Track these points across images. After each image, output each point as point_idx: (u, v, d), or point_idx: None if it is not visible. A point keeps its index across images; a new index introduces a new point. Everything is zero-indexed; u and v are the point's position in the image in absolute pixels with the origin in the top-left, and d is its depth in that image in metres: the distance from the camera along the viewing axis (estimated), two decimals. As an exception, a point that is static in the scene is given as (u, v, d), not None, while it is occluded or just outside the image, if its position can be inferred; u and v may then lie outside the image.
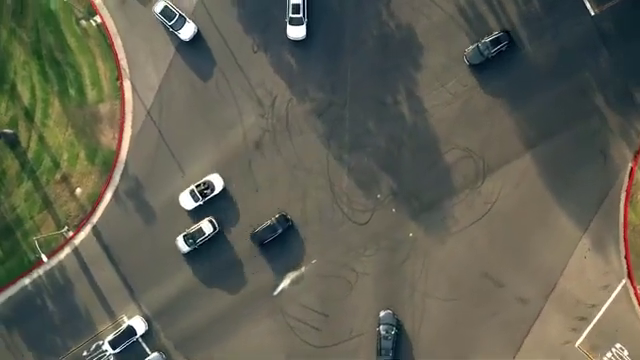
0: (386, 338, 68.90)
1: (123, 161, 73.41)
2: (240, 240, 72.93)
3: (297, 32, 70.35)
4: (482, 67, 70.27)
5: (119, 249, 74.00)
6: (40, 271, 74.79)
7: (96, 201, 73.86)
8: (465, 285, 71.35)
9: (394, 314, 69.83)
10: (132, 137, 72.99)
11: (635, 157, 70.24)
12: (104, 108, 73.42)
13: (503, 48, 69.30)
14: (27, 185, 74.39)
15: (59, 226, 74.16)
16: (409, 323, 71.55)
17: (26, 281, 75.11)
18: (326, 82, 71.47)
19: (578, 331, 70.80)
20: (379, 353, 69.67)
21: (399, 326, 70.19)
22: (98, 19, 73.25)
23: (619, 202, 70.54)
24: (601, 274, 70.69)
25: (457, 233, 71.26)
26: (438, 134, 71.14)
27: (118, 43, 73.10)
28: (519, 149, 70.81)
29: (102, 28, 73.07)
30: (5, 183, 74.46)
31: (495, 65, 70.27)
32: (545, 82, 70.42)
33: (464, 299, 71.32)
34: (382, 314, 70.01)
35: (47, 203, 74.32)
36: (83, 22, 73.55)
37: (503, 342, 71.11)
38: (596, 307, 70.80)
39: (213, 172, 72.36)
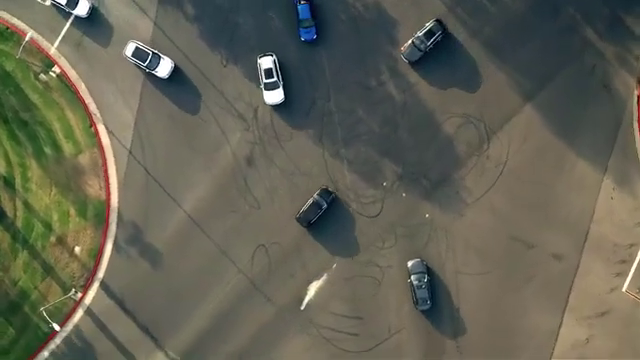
0: (420, 287, 67.26)
1: (116, 208, 71.83)
2: (254, 262, 71.07)
3: (275, 97, 68.60)
4: (463, 26, 67.94)
5: (133, 299, 72.26)
6: (57, 340, 73.01)
7: (98, 255, 72.18)
8: (495, 254, 69.07)
9: (422, 261, 68.02)
10: (119, 182, 71.50)
11: (639, 83, 67.30)
12: (84, 159, 71.81)
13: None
14: (23, 256, 72.71)
15: (66, 290, 72.38)
16: (447, 306, 69.64)
17: (45, 354, 73.40)
18: (304, 79, 69.72)
19: (622, 275, 68.18)
20: (416, 303, 67.97)
21: (430, 272, 68.48)
22: (57, 69, 71.68)
23: (633, 133, 67.91)
24: (632, 211, 68.15)
25: (474, 203, 69.08)
26: (431, 106, 69.00)
27: (83, 89, 71.50)
28: (518, 103, 68.54)
29: (63, 77, 71.64)
30: (0, 259, 72.42)
31: (475, 22, 68.07)
32: (529, 27, 68.18)
33: (498, 269, 69.08)
34: (410, 264, 68.12)
35: (48, 269, 72.62)
36: (42, 76, 71.99)
37: (547, 304, 68.91)
38: (635, 246, 68.16)
39: (209, 199, 70.48)
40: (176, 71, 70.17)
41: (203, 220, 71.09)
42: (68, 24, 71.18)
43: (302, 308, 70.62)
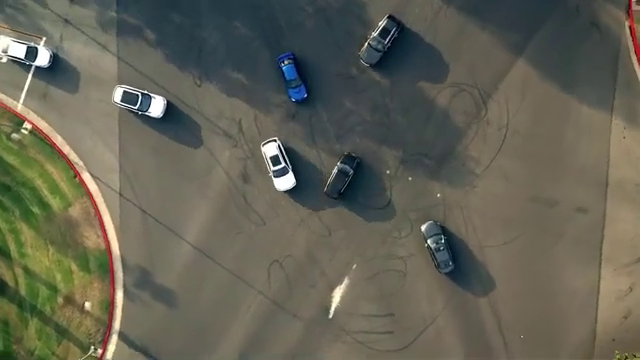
0: (439, 250, 65.85)
1: (118, 255, 70.54)
2: (271, 281, 69.30)
3: (286, 183, 67.37)
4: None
5: (155, 344, 70.67)
6: (86, 402, 71.60)
7: (110, 307, 70.78)
8: (518, 220, 67.25)
9: (436, 222, 66.41)
10: (116, 227, 70.39)
11: (628, 13, 65.31)
12: (75, 211, 70.74)
13: None
14: (34, 323, 71.35)
15: (84, 349, 70.94)
16: (478, 283, 67.74)
17: (76, 417, 71.96)
18: (282, 81, 67.90)
19: (653, 214, 66.67)
20: (438, 267, 66.34)
21: (447, 232, 66.76)
22: (28, 125, 70.63)
23: (632, 66, 65.92)
24: (647, 149, 66.76)
25: (484, 172, 67.37)
26: (419, 83, 67.29)
27: (59, 140, 70.42)
28: (508, 60, 66.73)
29: (36, 132, 70.55)
30: (11, 332, 71.43)
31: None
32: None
33: (523, 234, 67.25)
34: (424, 227, 66.57)
35: (62, 332, 71.19)
36: (14, 135, 70.93)
37: (582, 260, 66.97)
38: (659, 181, 66.60)
39: (211, 225, 69.13)
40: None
41: (210, 248, 69.67)
42: (30, 77, 70.29)
43: (330, 317, 69.15)
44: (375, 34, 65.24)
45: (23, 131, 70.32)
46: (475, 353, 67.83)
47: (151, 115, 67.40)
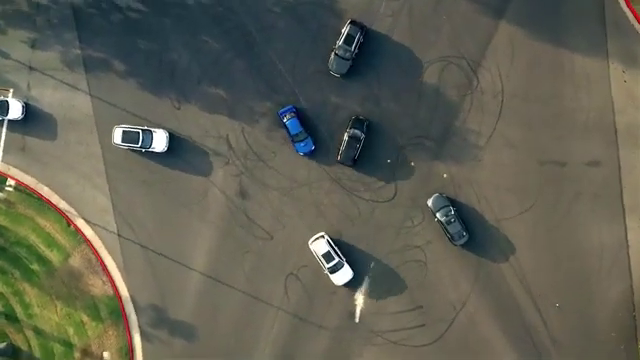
0: (450, 222, 64.44)
1: (128, 298, 68.93)
2: (289, 295, 67.77)
3: (344, 276, 66.09)
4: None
5: None
6: None
7: (130, 353, 69.05)
8: (530, 186, 65.57)
9: (441, 194, 65.09)
10: (120, 269, 68.76)
11: None
12: (75, 260, 69.11)
13: None
14: None
15: None
16: (500, 258, 66.09)
17: None
18: (262, 88, 66.78)
19: (669, 155, 65.04)
20: (452, 239, 64.96)
21: (455, 203, 65.30)
22: (11, 182, 69.07)
23: (619, 5, 64.29)
24: (651, 86, 64.91)
25: (487, 143, 65.72)
26: (404, 63, 65.59)
27: (46, 191, 68.82)
28: (490, 23, 65.00)
29: (21, 187, 68.90)
30: None
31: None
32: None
33: (538, 201, 65.54)
34: (430, 202, 65.14)
35: None
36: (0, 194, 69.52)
37: (604, 215, 65.18)
38: (670, 121, 64.93)
39: (217, 249, 67.80)
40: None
41: (220, 273, 67.99)
42: (4, 132, 68.53)
43: (357, 321, 67.54)
44: (340, 42, 63.85)
45: (7, 189, 68.77)
46: (512, 331, 66.08)
47: (155, 150, 65.88)
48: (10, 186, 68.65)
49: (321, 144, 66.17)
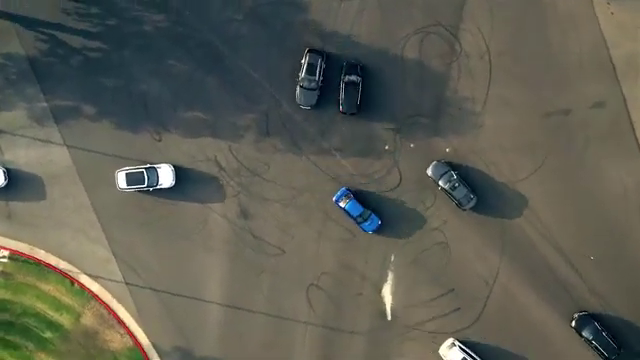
0: (454, 187, 62.87)
1: (149, 345, 67.48)
2: (314, 306, 66.36)
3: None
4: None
5: None
6: None
7: None
8: (538, 142, 64.12)
9: (439, 160, 63.79)
10: (136, 318, 67.35)
11: None
12: (87, 319, 67.66)
13: None
14: None
15: None
16: (522, 222, 64.58)
17: None
18: (241, 101, 65.43)
19: (673, 78, 63.47)
20: (460, 205, 63.45)
21: (458, 169, 63.89)
22: (5, 252, 67.50)
23: None
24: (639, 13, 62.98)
25: (484, 107, 64.16)
26: (380, 44, 64.11)
27: (42, 254, 67.26)
28: None
29: (16, 256, 67.37)
30: None
31: None
32: None
33: (549, 154, 64.12)
34: (430, 172, 63.67)
35: None
36: None
37: (619, 154, 63.86)
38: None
39: (229, 275, 66.65)
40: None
41: (238, 300, 66.63)
42: None
43: (389, 319, 66.27)
44: (303, 74, 62.77)
45: (2, 260, 67.21)
46: (551, 295, 64.52)
47: (163, 187, 64.51)
48: (4, 257, 67.18)
49: (312, 142, 65.04)
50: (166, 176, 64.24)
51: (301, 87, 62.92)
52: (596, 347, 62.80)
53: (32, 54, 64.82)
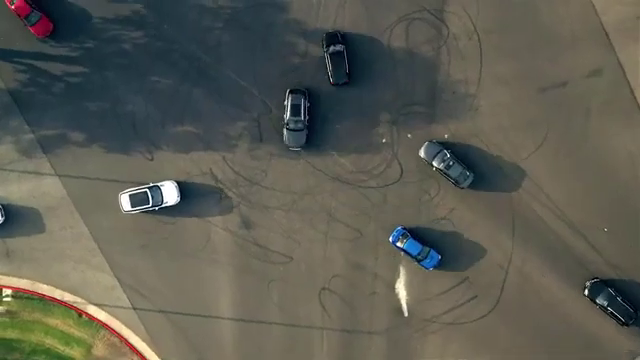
0: (449, 166, 62.06)
1: None
2: (328, 310, 65.48)
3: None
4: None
5: None
6: None
7: None
8: (538, 117, 63.00)
9: (431, 140, 62.91)
10: (148, 342, 67.04)
11: None
12: (99, 349, 67.48)
13: None
14: None
15: None
16: (531, 201, 63.46)
17: None
18: (230, 110, 64.61)
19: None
20: (457, 183, 62.62)
21: (449, 145, 63.09)
22: (8, 291, 67.24)
23: None
24: (627, -24, 62.27)
25: (479, 88, 63.19)
26: (368, 35, 63.28)
27: (45, 289, 66.92)
28: None
29: (19, 293, 66.92)
30: None
31: None
32: None
33: (550, 129, 63.08)
34: (422, 153, 62.77)
35: None
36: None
37: (622, 120, 62.61)
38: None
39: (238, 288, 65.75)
40: (114, 203, 65.16)
41: (250, 312, 66.11)
42: None
43: (406, 315, 65.47)
44: (288, 116, 62.16)
45: (5, 299, 66.80)
46: (567, 270, 63.60)
47: (169, 205, 63.72)
48: (7, 296, 66.69)
49: (308, 143, 64.02)
50: (170, 193, 63.51)
51: (288, 129, 62.23)
52: (612, 313, 61.95)
53: (12, 86, 64.31)
